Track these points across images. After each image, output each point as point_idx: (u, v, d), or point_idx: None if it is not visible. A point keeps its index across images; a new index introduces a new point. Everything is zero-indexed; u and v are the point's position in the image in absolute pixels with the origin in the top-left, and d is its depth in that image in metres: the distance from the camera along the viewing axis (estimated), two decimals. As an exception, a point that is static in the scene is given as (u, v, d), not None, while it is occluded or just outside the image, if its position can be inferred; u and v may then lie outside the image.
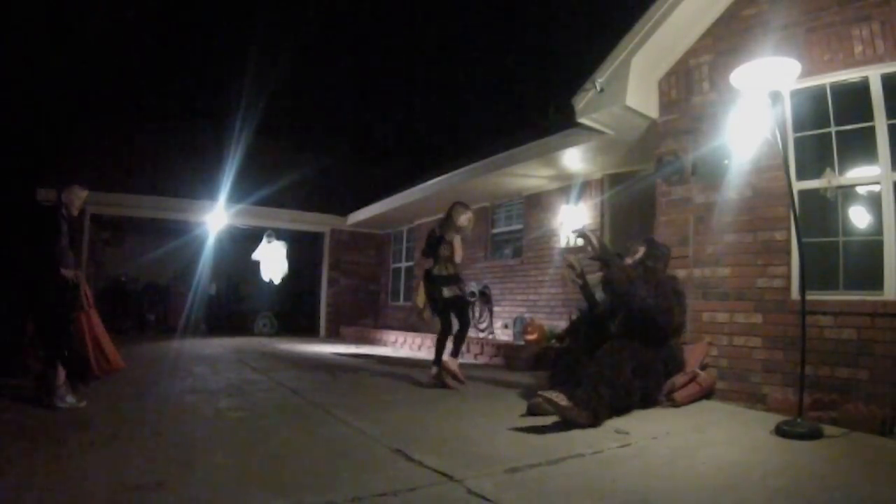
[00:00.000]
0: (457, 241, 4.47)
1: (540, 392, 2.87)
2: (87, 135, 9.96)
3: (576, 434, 2.61)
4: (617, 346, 3.14)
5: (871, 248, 3.20)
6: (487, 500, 1.72)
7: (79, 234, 3.52)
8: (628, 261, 3.60)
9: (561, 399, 2.73)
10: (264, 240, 9.79)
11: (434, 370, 4.32)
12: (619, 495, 1.81)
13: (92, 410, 2.97)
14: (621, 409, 3.00)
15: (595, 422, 2.76)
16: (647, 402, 3.25)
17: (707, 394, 3.58)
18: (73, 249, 3.42)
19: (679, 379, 3.44)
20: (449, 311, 4.44)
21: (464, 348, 5.81)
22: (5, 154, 8.87)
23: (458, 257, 4.48)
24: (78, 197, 3.41)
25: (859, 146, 3.30)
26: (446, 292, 4.36)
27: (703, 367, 3.67)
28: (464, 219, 4.44)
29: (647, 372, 3.19)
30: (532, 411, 3.03)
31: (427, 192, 8.19)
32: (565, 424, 2.72)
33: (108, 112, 11.01)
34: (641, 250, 3.63)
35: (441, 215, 4.67)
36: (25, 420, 2.73)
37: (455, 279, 4.46)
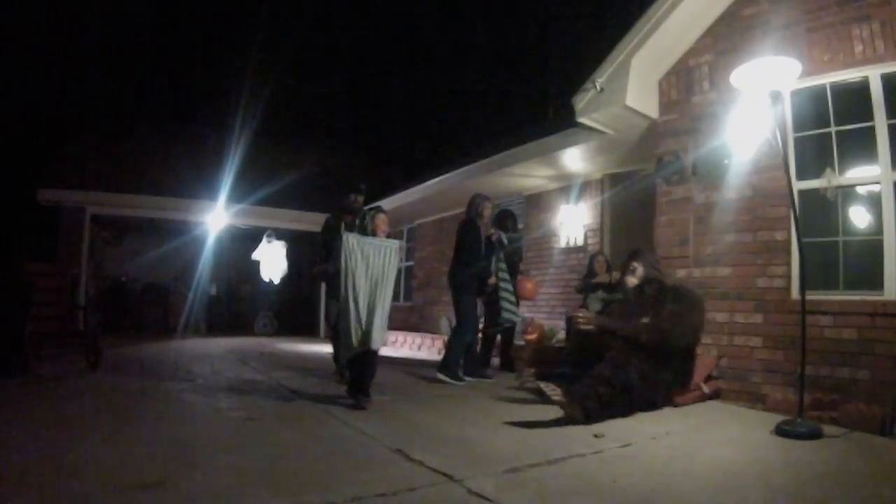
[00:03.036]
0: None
1: (538, 381, 2.85)
2: (87, 135, 9.95)
3: (576, 434, 2.61)
4: (625, 351, 3.09)
5: (871, 247, 3.20)
6: (488, 500, 1.72)
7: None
8: (632, 280, 3.53)
9: (556, 393, 2.72)
10: (264, 240, 9.77)
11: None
12: (619, 495, 1.81)
13: (91, 410, 2.97)
14: (623, 412, 2.94)
15: (586, 420, 2.74)
16: (652, 407, 3.17)
17: (710, 398, 3.55)
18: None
19: (681, 398, 3.32)
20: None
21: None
22: (5, 154, 8.87)
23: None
24: None
25: (859, 146, 3.30)
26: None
27: (708, 380, 3.61)
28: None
29: (655, 383, 3.10)
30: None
31: (427, 192, 8.18)
32: (563, 421, 2.71)
33: (108, 112, 11.00)
34: (640, 267, 3.53)
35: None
36: (24, 419, 2.73)
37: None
